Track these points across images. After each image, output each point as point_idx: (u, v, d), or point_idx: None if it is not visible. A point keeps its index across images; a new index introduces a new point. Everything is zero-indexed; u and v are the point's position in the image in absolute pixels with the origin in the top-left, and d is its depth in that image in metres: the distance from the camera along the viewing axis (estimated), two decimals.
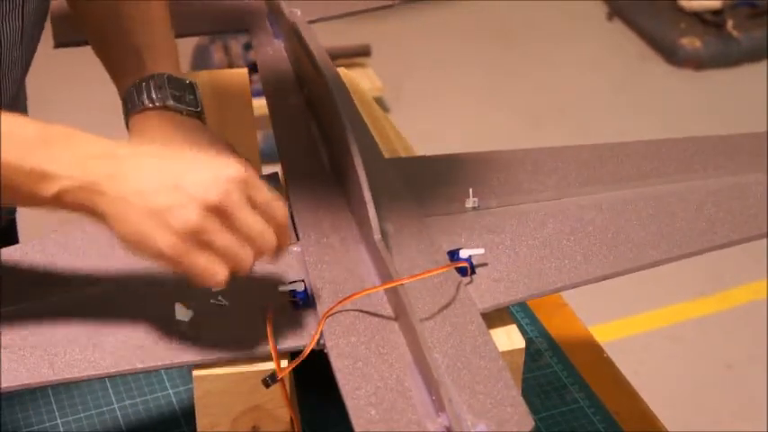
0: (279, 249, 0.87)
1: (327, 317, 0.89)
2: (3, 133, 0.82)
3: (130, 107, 1.10)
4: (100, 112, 1.88)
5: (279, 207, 0.86)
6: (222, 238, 0.83)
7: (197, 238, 0.82)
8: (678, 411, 2.40)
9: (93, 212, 0.84)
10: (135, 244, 0.83)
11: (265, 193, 0.86)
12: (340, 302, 0.90)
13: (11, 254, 0.99)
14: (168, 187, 0.82)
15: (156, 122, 1.07)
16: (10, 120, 0.84)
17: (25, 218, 1.30)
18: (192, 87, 1.11)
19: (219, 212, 0.83)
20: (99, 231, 1.01)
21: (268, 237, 0.85)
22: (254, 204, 0.85)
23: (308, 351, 0.87)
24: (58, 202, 0.84)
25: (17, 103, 1.20)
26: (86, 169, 0.83)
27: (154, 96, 1.08)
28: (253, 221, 0.84)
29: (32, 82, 1.25)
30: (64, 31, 1.31)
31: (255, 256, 0.86)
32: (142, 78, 1.09)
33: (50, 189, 0.83)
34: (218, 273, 0.84)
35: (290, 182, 1.08)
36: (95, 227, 1.01)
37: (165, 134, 1.06)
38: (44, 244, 1.00)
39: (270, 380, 0.87)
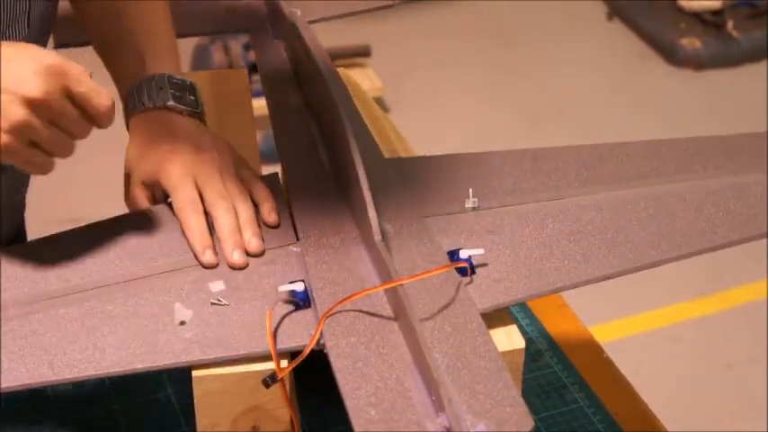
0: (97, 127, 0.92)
1: (327, 317, 0.89)
2: None
3: (131, 107, 1.10)
4: None
5: (97, 96, 0.90)
6: (45, 131, 0.89)
7: (23, 133, 0.88)
8: (678, 411, 2.40)
9: None
10: None
11: (84, 84, 0.89)
12: (340, 303, 0.90)
13: (11, 253, 0.99)
14: None
15: (157, 123, 1.07)
16: None
17: (30, 218, 1.30)
18: (192, 88, 1.11)
19: (41, 106, 0.87)
20: (99, 232, 1.02)
21: (85, 127, 0.91)
22: (71, 95, 0.89)
23: (307, 351, 0.87)
24: None
25: None
26: None
27: (154, 97, 1.08)
28: (71, 114, 0.90)
29: None
30: (64, 31, 1.31)
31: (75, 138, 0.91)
32: (143, 79, 1.10)
33: None
34: (45, 164, 0.91)
35: (290, 182, 1.08)
36: (95, 228, 1.02)
37: (166, 134, 1.06)
38: (44, 244, 1.00)
39: (270, 380, 0.87)
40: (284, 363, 0.89)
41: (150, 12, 1.15)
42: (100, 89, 0.91)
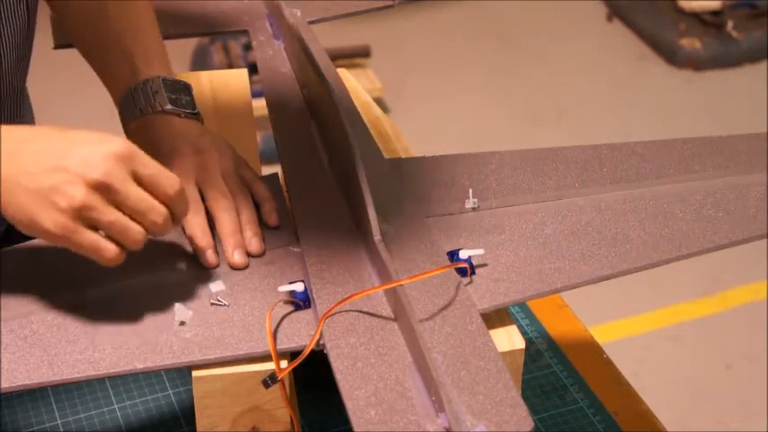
0: (175, 220, 0.90)
1: (327, 317, 0.89)
2: None
3: (128, 114, 1.09)
4: (100, 112, 1.88)
5: (166, 179, 0.89)
6: (108, 214, 0.86)
7: (83, 216, 0.85)
8: (678, 411, 2.40)
9: None
10: (25, 224, 0.86)
11: (151, 167, 0.88)
12: (339, 303, 0.90)
13: (12, 253, 0.99)
14: (53, 167, 0.85)
15: (156, 128, 1.06)
16: None
17: None
18: (187, 89, 1.10)
19: (104, 189, 0.85)
20: None
21: (157, 210, 0.88)
22: (139, 178, 0.87)
23: (307, 352, 0.87)
24: None
25: (24, 99, 1.20)
26: None
27: (151, 102, 1.07)
28: (138, 196, 0.87)
29: (32, 82, 1.25)
30: (64, 31, 1.30)
31: (147, 230, 0.88)
32: (137, 83, 1.08)
33: None
34: (107, 249, 0.87)
35: (290, 182, 1.08)
36: None
37: (165, 138, 1.05)
38: (44, 244, 1.00)
39: (270, 380, 0.87)
40: (284, 363, 0.89)
41: (134, 12, 1.13)
42: (169, 173, 0.89)
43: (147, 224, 0.88)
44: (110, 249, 0.87)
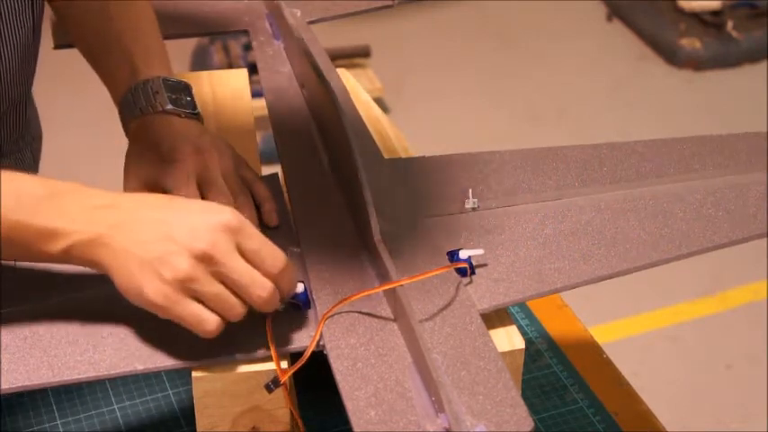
0: (282, 295, 0.88)
1: (326, 318, 0.89)
2: (11, 192, 0.85)
3: (128, 114, 1.09)
4: (100, 111, 1.88)
5: (272, 256, 0.87)
6: (211, 286, 0.84)
7: (187, 287, 0.84)
8: (678, 411, 2.40)
9: (98, 265, 0.87)
10: (132, 293, 0.86)
11: (257, 241, 0.86)
12: (339, 304, 0.90)
13: None
14: (162, 237, 0.84)
15: (156, 127, 1.06)
16: (15, 178, 0.86)
17: None
18: (187, 89, 1.11)
19: (208, 260, 0.84)
20: None
21: (261, 285, 0.86)
22: (244, 252, 0.86)
23: (307, 354, 0.87)
24: (66, 256, 0.86)
25: (30, 102, 1.19)
26: (92, 222, 0.85)
27: (152, 102, 1.07)
28: (242, 270, 0.85)
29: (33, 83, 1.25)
30: (63, 31, 1.30)
31: (252, 303, 0.86)
32: (137, 83, 1.08)
33: (59, 245, 0.85)
34: (207, 321, 0.85)
35: (289, 182, 1.08)
36: None
37: (166, 137, 1.06)
38: None
39: (272, 385, 0.87)
40: (284, 363, 0.88)
41: (135, 12, 1.14)
42: (275, 249, 0.87)
43: (251, 297, 0.86)
44: (210, 322, 0.85)
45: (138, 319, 0.92)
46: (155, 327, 0.91)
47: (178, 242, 0.84)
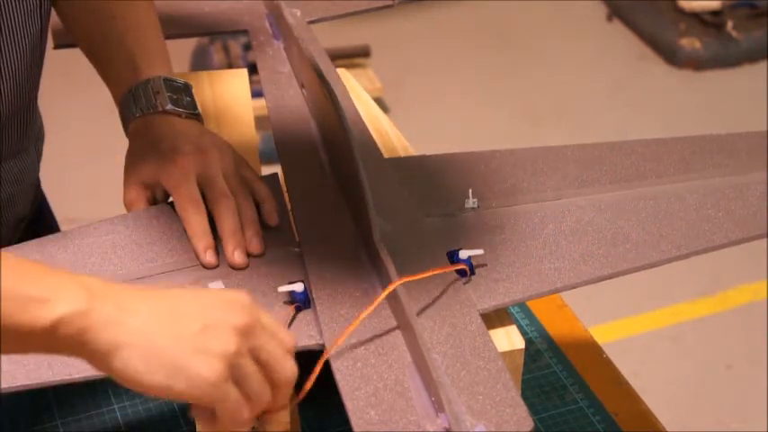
0: (272, 409, 0.81)
1: (329, 354, 0.86)
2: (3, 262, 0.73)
3: (128, 113, 1.09)
4: (100, 111, 1.89)
5: (282, 366, 0.79)
6: (253, 364, 0.77)
7: (234, 363, 0.75)
8: (678, 412, 2.40)
9: (94, 346, 0.73)
10: (167, 376, 0.73)
11: (270, 319, 0.79)
12: (345, 335, 0.86)
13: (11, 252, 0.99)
14: (195, 311, 0.75)
15: (157, 127, 1.07)
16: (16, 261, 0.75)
17: None
18: (187, 89, 1.11)
19: (249, 333, 0.76)
20: (99, 232, 1.02)
21: (265, 399, 0.79)
22: (257, 358, 0.78)
23: (308, 386, 0.83)
24: (52, 334, 0.72)
25: (34, 107, 1.19)
26: (91, 294, 0.73)
27: (152, 102, 1.07)
28: (272, 345, 0.78)
29: None
30: (64, 31, 1.30)
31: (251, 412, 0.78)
32: (138, 83, 1.09)
33: (47, 315, 0.71)
34: (246, 408, 0.77)
35: (289, 182, 1.08)
36: (95, 228, 1.02)
37: (166, 137, 1.06)
38: (44, 244, 1.00)
39: None
40: None
41: (136, 12, 1.14)
42: (288, 360, 0.79)
43: (283, 372, 0.79)
44: (247, 410, 0.77)
45: None
46: None
47: (216, 317, 0.75)
